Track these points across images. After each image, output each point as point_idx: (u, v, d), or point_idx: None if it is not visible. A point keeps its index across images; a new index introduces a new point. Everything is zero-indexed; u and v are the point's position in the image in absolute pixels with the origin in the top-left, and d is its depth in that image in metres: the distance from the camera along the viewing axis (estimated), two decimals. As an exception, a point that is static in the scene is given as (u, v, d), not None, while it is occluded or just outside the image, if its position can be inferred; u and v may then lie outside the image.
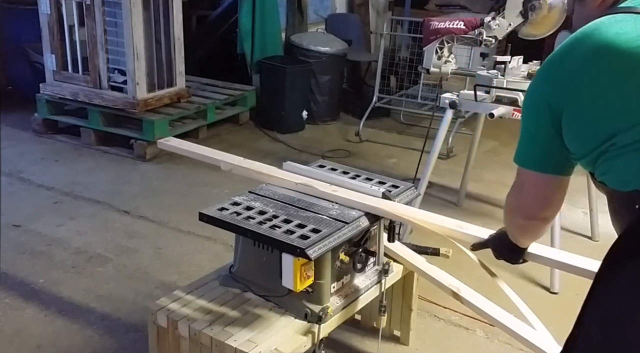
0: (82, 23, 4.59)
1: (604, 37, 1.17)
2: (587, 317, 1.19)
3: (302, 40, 5.56)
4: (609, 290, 1.14)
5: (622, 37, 1.15)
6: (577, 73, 1.20)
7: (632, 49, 1.14)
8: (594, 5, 1.31)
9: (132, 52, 4.45)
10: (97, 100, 4.65)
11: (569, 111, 1.22)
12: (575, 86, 1.20)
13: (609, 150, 1.19)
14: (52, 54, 4.78)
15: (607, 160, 1.20)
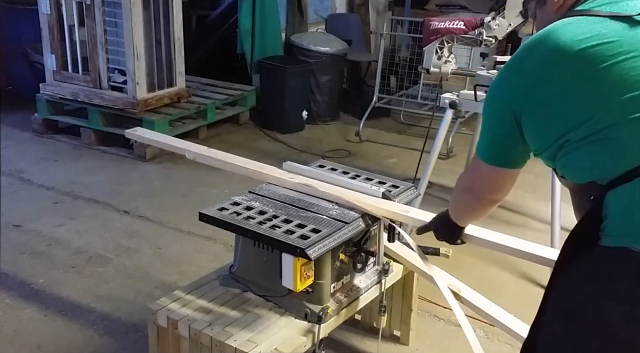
0: (82, 23, 4.59)
1: (558, 40, 1.24)
2: (548, 306, 1.24)
3: (302, 40, 5.56)
4: (567, 278, 1.19)
5: (575, 38, 1.22)
6: (535, 74, 1.27)
7: (582, 49, 1.20)
8: (552, 9, 1.38)
9: (132, 52, 4.45)
10: (97, 100, 4.65)
11: (528, 111, 1.29)
12: (532, 87, 1.27)
13: (565, 146, 1.25)
14: (52, 54, 4.78)
15: (564, 155, 1.27)
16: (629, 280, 1.13)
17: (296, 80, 5.34)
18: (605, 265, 1.16)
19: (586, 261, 1.17)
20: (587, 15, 1.25)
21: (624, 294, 1.13)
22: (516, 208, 3.86)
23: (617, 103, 1.18)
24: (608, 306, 1.14)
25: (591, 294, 1.16)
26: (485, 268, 3.14)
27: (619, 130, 1.18)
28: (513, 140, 1.36)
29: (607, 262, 1.15)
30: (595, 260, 1.16)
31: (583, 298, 1.17)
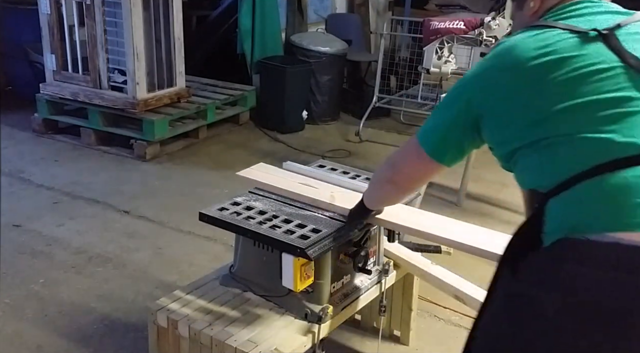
0: (82, 23, 4.58)
1: (517, 54, 1.31)
2: (494, 291, 1.31)
3: (302, 40, 5.56)
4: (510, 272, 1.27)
5: (531, 54, 1.28)
6: (495, 82, 1.34)
7: (535, 64, 1.27)
8: (528, 14, 1.44)
9: (132, 52, 4.45)
10: (97, 100, 4.65)
11: (487, 115, 1.36)
12: (492, 93, 1.34)
13: (516, 152, 1.32)
14: (52, 54, 4.78)
15: (516, 161, 1.34)
16: (563, 268, 1.17)
17: (296, 80, 5.34)
18: (544, 258, 1.21)
19: (528, 259, 1.23)
20: (550, 27, 1.31)
21: (556, 282, 1.18)
22: (516, 209, 3.87)
23: (558, 113, 1.23)
24: (542, 295, 1.19)
25: (528, 284, 1.22)
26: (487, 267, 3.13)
27: (561, 139, 1.23)
28: (458, 140, 1.45)
29: (546, 256, 1.21)
30: (536, 257, 1.22)
31: (522, 288, 1.23)
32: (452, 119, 1.43)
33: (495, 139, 1.38)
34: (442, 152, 1.48)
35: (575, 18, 1.33)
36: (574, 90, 1.23)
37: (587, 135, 1.21)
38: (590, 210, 1.19)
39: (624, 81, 1.22)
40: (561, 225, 1.20)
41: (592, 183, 1.19)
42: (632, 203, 1.16)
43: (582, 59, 1.24)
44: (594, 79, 1.23)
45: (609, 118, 1.21)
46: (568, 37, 1.28)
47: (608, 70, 1.23)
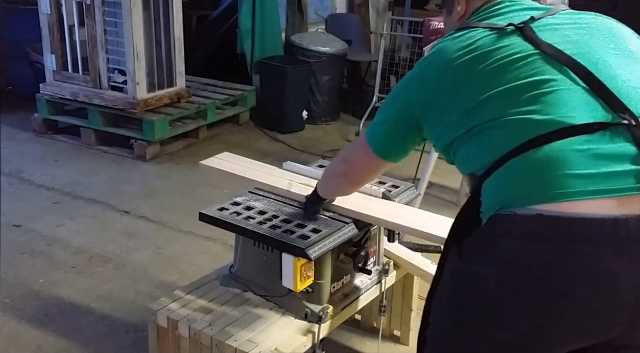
0: (82, 23, 4.58)
1: (445, 55, 1.44)
2: (442, 271, 1.40)
3: (302, 40, 5.56)
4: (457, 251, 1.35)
5: (456, 53, 1.41)
6: (431, 82, 1.46)
7: (461, 61, 1.39)
8: (456, 18, 1.59)
9: (132, 52, 4.45)
10: (97, 100, 4.65)
11: (425, 115, 1.47)
12: (429, 93, 1.45)
13: (454, 143, 1.43)
14: (52, 54, 4.77)
15: (454, 154, 1.45)
16: (496, 243, 1.25)
17: (296, 80, 5.34)
18: (481, 236, 1.29)
19: (470, 238, 1.32)
20: (473, 28, 1.44)
21: (492, 257, 1.26)
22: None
23: (485, 101, 1.34)
24: (482, 270, 1.27)
25: (470, 261, 1.31)
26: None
27: (488, 125, 1.33)
28: (401, 139, 1.57)
29: (482, 233, 1.29)
30: (475, 235, 1.31)
31: (465, 266, 1.32)
32: (393, 119, 1.55)
33: (434, 134, 1.49)
34: (387, 149, 1.60)
35: (495, 17, 1.46)
36: (497, 80, 1.34)
37: (511, 117, 1.30)
38: (516, 186, 1.27)
39: (540, 66, 1.32)
40: (492, 203, 1.29)
41: (517, 160, 1.27)
42: (553, 176, 1.22)
43: (501, 51, 1.36)
44: (513, 68, 1.33)
45: (529, 100, 1.30)
46: (488, 34, 1.40)
47: (525, 58, 1.33)
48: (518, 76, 1.32)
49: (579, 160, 1.22)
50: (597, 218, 1.17)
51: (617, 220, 1.17)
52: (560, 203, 1.20)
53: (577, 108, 1.26)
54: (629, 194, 1.19)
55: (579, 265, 1.18)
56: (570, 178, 1.21)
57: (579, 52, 1.33)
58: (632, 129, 1.23)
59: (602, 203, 1.19)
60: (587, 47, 1.35)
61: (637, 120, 1.25)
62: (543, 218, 1.20)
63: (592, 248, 1.17)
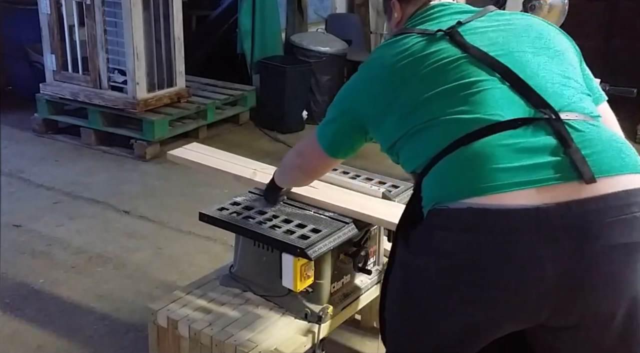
0: (82, 23, 4.58)
1: (381, 60, 1.54)
2: (393, 262, 1.50)
3: (302, 40, 5.56)
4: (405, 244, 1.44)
5: (392, 59, 1.50)
6: (369, 87, 1.56)
7: (396, 67, 1.48)
8: (394, 24, 1.68)
9: (132, 52, 4.45)
10: (97, 100, 4.65)
11: (367, 119, 1.57)
12: (366, 101, 1.55)
13: (396, 146, 1.51)
14: (52, 54, 4.77)
15: (397, 154, 1.54)
16: (434, 235, 1.34)
17: (296, 80, 5.33)
18: (422, 229, 1.38)
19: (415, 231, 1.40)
20: (407, 34, 1.53)
21: (431, 249, 1.34)
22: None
23: (420, 104, 1.43)
24: (424, 261, 1.36)
25: (414, 253, 1.40)
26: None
27: (423, 125, 1.42)
28: (350, 138, 1.67)
29: (422, 226, 1.37)
30: (417, 229, 1.39)
31: (410, 257, 1.41)
32: (339, 121, 1.65)
33: (378, 136, 1.58)
34: (335, 148, 1.72)
35: (427, 22, 1.55)
36: (430, 83, 1.43)
37: (444, 117, 1.39)
38: (449, 181, 1.35)
39: (468, 68, 1.41)
40: (430, 198, 1.37)
41: (450, 157, 1.35)
42: (481, 170, 1.29)
43: (433, 56, 1.45)
44: (444, 71, 1.42)
45: (459, 100, 1.38)
46: (420, 40, 1.49)
47: (454, 62, 1.42)
48: (449, 79, 1.41)
49: (504, 155, 1.29)
50: (521, 209, 1.24)
51: (539, 209, 1.23)
52: (488, 196, 1.27)
53: (502, 106, 1.35)
54: (548, 184, 1.26)
55: (505, 254, 1.25)
56: (496, 172, 1.28)
57: (502, 53, 1.42)
58: (552, 123, 1.32)
59: (525, 193, 1.25)
60: (511, 48, 1.44)
61: (557, 115, 1.33)
62: (473, 211, 1.27)
63: (517, 237, 1.24)
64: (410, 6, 1.63)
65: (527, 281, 1.26)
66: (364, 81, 1.60)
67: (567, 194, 1.25)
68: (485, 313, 1.32)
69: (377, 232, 2.21)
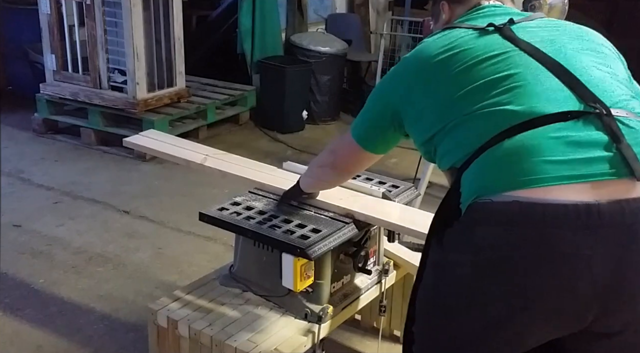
0: (82, 23, 4.58)
1: (425, 53, 1.51)
2: (425, 262, 1.43)
3: (302, 40, 5.56)
4: (439, 242, 1.38)
5: (435, 51, 1.47)
6: (410, 80, 1.52)
7: (439, 59, 1.45)
8: (440, 25, 1.66)
9: (132, 52, 4.45)
10: (97, 100, 4.65)
11: (404, 112, 1.53)
12: (409, 90, 1.51)
13: (433, 141, 1.47)
14: (52, 54, 4.77)
15: (434, 150, 1.48)
16: (474, 230, 1.28)
17: (296, 80, 5.34)
18: (460, 225, 1.32)
19: (451, 229, 1.35)
20: (456, 28, 1.52)
21: (469, 244, 1.28)
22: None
23: (462, 96, 1.39)
24: (459, 258, 1.30)
25: (449, 250, 1.34)
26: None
27: (465, 118, 1.38)
28: (386, 133, 1.64)
29: (461, 222, 1.32)
30: (455, 225, 1.33)
31: (444, 255, 1.36)
32: (376, 114, 1.62)
33: (414, 130, 1.53)
34: (371, 142, 1.68)
35: (478, 19, 1.54)
36: (474, 75, 1.39)
37: (488, 109, 1.35)
38: (492, 174, 1.30)
39: (516, 61, 1.38)
40: (471, 192, 1.31)
41: (493, 150, 1.30)
42: (528, 162, 1.25)
43: (479, 48, 1.42)
44: (491, 63, 1.39)
45: (504, 92, 1.34)
46: (468, 34, 1.47)
47: (502, 55, 1.40)
48: (495, 71, 1.38)
49: (553, 147, 1.25)
50: (571, 204, 1.20)
51: (590, 206, 1.19)
52: (535, 188, 1.23)
53: (551, 98, 1.32)
54: (601, 179, 1.22)
55: (553, 250, 1.21)
56: (544, 164, 1.24)
57: (553, 50, 1.40)
58: (603, 118, 1.28)
59: (576, 188, 1.21)
60: (561, 46, 1.42)
61: (608, 110, 1.29)
62: (519, 204, 1.22)
63: (565, 233, 1.20)
64: (460, 7, 1.61)
65: (575, 279, 1.20)
66: (404, 72, 1.56)
67: (619, 192, 1.21)
68: (525, 308, 1.25)
69: (377, 232, 2.20)
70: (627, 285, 1.22)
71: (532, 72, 1.35)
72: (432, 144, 1.47)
